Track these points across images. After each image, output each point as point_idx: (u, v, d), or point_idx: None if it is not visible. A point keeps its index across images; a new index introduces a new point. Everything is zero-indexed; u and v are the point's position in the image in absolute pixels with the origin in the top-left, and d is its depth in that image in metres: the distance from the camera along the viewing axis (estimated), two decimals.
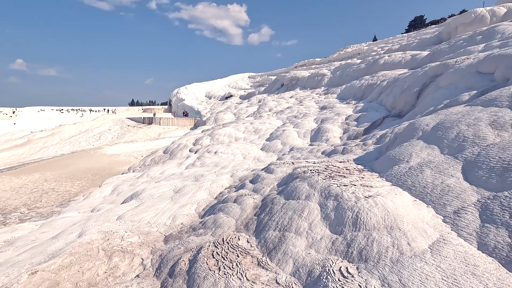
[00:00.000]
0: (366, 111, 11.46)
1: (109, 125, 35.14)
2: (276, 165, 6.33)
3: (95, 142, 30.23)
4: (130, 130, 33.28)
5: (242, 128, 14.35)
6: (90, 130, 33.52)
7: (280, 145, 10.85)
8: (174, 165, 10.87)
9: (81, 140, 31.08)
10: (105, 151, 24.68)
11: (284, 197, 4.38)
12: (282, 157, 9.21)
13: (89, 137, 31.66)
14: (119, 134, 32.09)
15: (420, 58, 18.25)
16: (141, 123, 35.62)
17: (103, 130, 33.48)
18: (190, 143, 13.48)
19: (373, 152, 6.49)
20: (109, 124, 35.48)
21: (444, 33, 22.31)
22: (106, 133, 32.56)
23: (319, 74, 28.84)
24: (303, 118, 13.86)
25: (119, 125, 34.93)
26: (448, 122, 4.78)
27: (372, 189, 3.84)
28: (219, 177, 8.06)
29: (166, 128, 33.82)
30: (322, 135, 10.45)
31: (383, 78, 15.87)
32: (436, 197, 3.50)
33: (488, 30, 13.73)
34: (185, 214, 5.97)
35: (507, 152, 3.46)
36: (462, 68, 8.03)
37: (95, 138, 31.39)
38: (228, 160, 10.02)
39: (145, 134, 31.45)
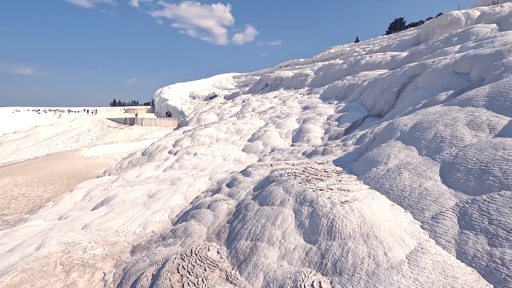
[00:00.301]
0: (347, 111, 11.40)
1: (89, 126, 33.81)
2: (254, 168, 6.06)
3: (73, 144, 28.98)
4: (110, 131, 32.15)
5: (224, 128, 14.00)
6: (68, 132, 32.13)
7: (262, 146, 10.59)
8: (152, 167, 10.39)
9: (58, 142, 29.72)
10: (83, 153, 23.68)
11: (258, 203, 4.10)
12: (263, 159, 8.96)
13: (66, 139, 30.34)
14: (99, 136, 30.92)
15: (399, 59, 18.50)
16: (123, 124, 34.50)
17: (82, 131, 32.18)
18: (170, 144, 13.00)
19: (353, 153, 6.33)
20: (89, 125, 34.15)
21: (422, 34, 22.80)
22: (85, 134, 31.30)
23: (303, 74, 28.86)
24: (285, 118, 13.68)
25: (99, 126, 33.68)
26: (426, 122, 4.66)
27: (349, 193, 3.62)
28: (196, 180, 7.70)
29: (149, 129, 32.90)
30: (303, 136, 10.28)
31: (364, 78, 15.94)
32: (414, 201, 3.32)
33: (464, 32, 14.02)
34: (157, 221, 5.59)
35: (485, 153, 3.33)
36: (439, 68, 8.04)
37: (73, 139, 30.10)
38: (208, 162, 9.66)
39: (126, 135, 30.45)
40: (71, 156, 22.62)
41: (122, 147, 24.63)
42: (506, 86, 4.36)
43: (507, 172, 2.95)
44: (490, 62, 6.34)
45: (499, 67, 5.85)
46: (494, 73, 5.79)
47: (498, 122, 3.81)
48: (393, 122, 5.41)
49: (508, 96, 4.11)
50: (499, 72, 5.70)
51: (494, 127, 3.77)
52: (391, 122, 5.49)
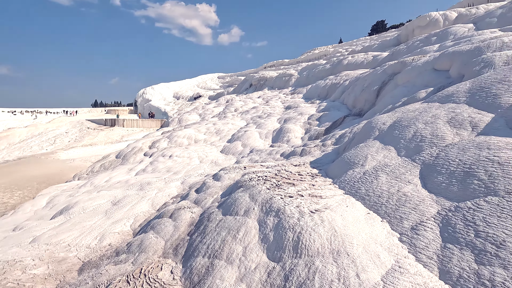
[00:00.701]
0: (328, 110, 11.09)
1: (67, 127, 32.29)
2: (226, 171, 5.55)
3: (49, 147, 27.52)
4: (90, 133, 30.81)
5: (204, 129, 13.42)
6: (44, 134, 30.54)
7: (241, 147, 10.10)
8: (124, 171, 9.69)
9: (33, 144, 28.16)
10: (59, 156, 22.46)
11: (222, 212, 3.61)
12: (241, 160, 8.47)
13: (42, 141, 28.81)
14: (77, 138, 29.56)
15: (380, 59, 18.46)
16: (103, 125, 33.17)
17: (59, 133, 30.67)
18: (146, 146, 12.30)
19: (331, 154, 5.94)
20: (67, 126, 32.62)
21: (403, 35, 22.96)
22: (62, 136, 29.84)
23: (287, 74, 28.58)
24: (266, 118, 13.24)
25: (78, 128, 32.23)
26: (405, 120, 4.31)
27: (321, 200, 3.18)
28: (167, 185, 7.12)
29: (130, 130, 31.75)
30: (283, 136, 9.86)
31: (346, 78, 15.74)
32: (392, 209, 2.92)
33: (442, 31, 14.03)
34: (117, 232, 4.99)
35: (468, 153, 2.97)
36: (419, 65, 7.81)
37: (50, 142, 28.61)
38: (183, 164, 9.07)
39: (107, 137, 29.23)
40: (45, 160, 21.40)
41: (101, 149, 23.53)
42: (488, 81, 4.06)
43: (493, 175, 2.59)
44: (469, 58, 6.10)
45: (479, 63, 5.60)
46: (473, 69, 5.54)
47: (480, 119, 3.48)
48: (371, 120, 5.05)
49: (490, 91, 3.80)
50: (478, 68, 5.45)
51: (476, 125, 3.43)
52: (369, 121, 5.12)
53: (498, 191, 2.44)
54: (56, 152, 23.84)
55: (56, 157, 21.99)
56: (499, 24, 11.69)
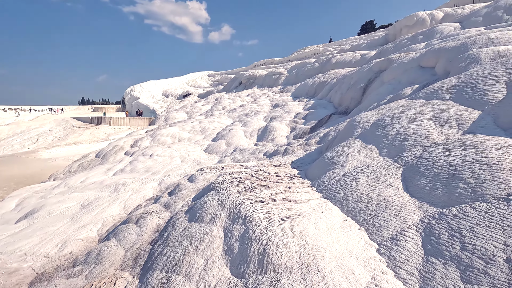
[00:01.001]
0: (315, 108, 10.82)
1: (51, 125, 31.19)
2: (202, 172, 5.18)
3: (31, 145, 26.49)
4: (75, 131, 29.85)
5: (189, 127, 12.97)
6: (27, 132, 29.41)
7: (225, 146, 9.72)
8: (102, 171, 9.19)
9: (14, 143, 27.06)
10: (40, 155, 21.61)
11: (188, 218, 3.25)
12: (223, 160, 8.10)
13: (24, 139, 27.72)
14: (61, 136, 28.58)
15: (368, 57, 18.35)
16: (89, 123, 32.20)
17: (43, 131, 29.59)
18: (128, 145, 11.78)
19: (314, 153, 5.64)
20: (51, 124, 31.51)
21: (391, 34, 22.95)
22: (45, 134, 28.79)
23: (276, 72, 28.29)
24: (253, 117, 12.89)
25: (62, 126, 31.18)
26: (389, 117, 4.03)
27: (294, 205, 2.86)
28: (143, 186, 6.70)
29: (117, 129, 30.90)
30: (268, 134, 9.54)
31: (333, 76, 15.53)
32: (370, 215, 2.61)
33: (429, 30, 13.96)
34: (81, 239, 4.56)
35: (453, 154, 2.69)
36: (405, 62, 7.59)
37: (32, 140, 27.56)
38: (163, 164, 8.64)
39: (92, 135, 28.36)
40: (26, 159, 20.54)
41: (86, 148, 22.74)
42: (474, 76, 3.81)
43: (480, 178, 2.31)
44: (456, 54, 5.89)
45: (465, 59, 5.38)
46: (459, 66, 5.32)
47: (467, 116, 3.21)
48: (354, 118, 4.76)
49: (477, 87, 3.55)
50: (464, 64, 5.23)
51: (462, 122, 3.17)
52: (352, 119, 4.84)
53: (486, 196, 2.16)
54: (38, 151, 22.93)
55: (37, 156, 21.14)
56: (484, 23, 11.65)
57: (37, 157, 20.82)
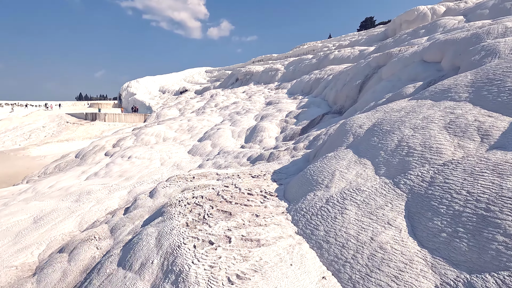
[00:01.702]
0: (308, 107, 9.91)
1: (44, 121, 30.29)
2: (166, 184, 4.32)
3: (23, 142, 25.63)
4: (68, 128, 28.96)
5: (176, 126, 12.08)
6: (20, 128, 28.53)
7: (210, 147, 8.85)
8: (76, 174, 8.33)
9: (5, 139, 26.19)
10: (29, 153, 20.76)
11: (119, 259, 2.39)
12: (204, 164, 7.23)
13: (16, 136, 26.85)
14: (54, 132, 27.70)
15: (367, 53, 17.37)
16: (83, 120, 31.30)
17: (36, 127, 28.70)
18: (110, 144, 10.91)
19: (300, 161, 4.78)
20: (44, 120, 30.61)
21: (390, 30, 21.90)
22: (38, 131, 27.90)
23: (273, 69, 27.31)
24: (244, 115, 12.00)
25: (56, 122, 30.28)
26: (387, 123, 3.15)
27: (254, 250, 2.00)
28: (110, 195, 5.85)
29: (112, 125, 30.00)
30: (257, 135, 8.66)
31: (330, 72, 14.59)
32: (360, 275, 1.75)
33: (431, 24, 12.98)
34: (15, 266, 3.72)
35: (481, 182, 1.82)
36: (406, 56, 6.68)
37: (24, 136, 26.69)
38: (141, 167, 7.78)
39: (86, 132, 27.48)
40: (14, 156, 19.71)
41: (78, 145, 21.88)
42: (498, 71, 2.92)
43: None
44: (466, 46, 4.98)
45: (478, 51, 4.48)
46: (472, 59, 4.42)
47: (493, 124, 2.34)
48: (346, 122, 3.87)
49: (504, 85, 2.67)
50: (478, 57, 4.33)
51: (487, 133, 2.29)
52: (343, 122, 3.95)
53: None
54: (27, 148, 22.08)
55: (26, 153, 20.30)
56: (491, 16, 10.67)
57: (26, 155, 19.98)
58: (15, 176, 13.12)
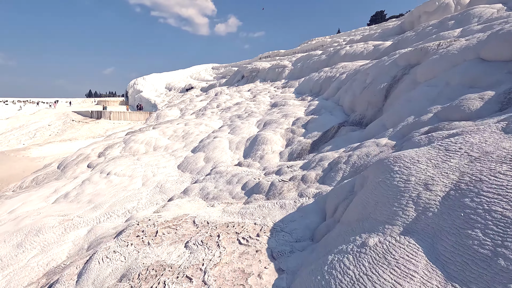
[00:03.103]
0: (319, 113, 8.17)
1: (50, 120, 29.40)
2: (107, 253, 2.77)
3: (27, 141, 24.74)
4: (73, 126, 27.97)
5: (171, 131, 10.56)
6: (26, 126, 27.70)
7: (202, 162, 7.28)
8: (46, 193, 6.92)
9: (11, 138, 25.38)
10: (30, 153, 19.66)
11: None
12: (191, 189, 5.64)
13: (22, 134, 26.01)
14: (59, 131, 26.73)
15: (383, 48, 15.38)
16: (89, 118, 30.27)
17: (42, 125, 27.82)
18: (96, 153, 9.49)
19: (311, 210, 3.15)
20: (51, 118, 29.72)
21: (407, 22, 19.66)
22: (44, 129, 26.99)
23: (280, 66, 25.44)
24: (246, 119, 10.36)
25: (62, 120, 29.34)
26: (496, 195, 1.49)
27: None
28: (64, 236, 4.38)
29: (117, 123, 28.85)
30: (258, 148, 7.04)
31: (342, 70, 12.73)
32: None
33: (461, 14, 10.93)
34: None
35: None
36: (453, 53, 4.89)
37: (29, 135, 25.81)
38: (117, 188, 6.30)
39: (90, 131, 26.40)
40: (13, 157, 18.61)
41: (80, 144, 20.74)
42: None
43: None
44: None
45: None
46: None
47: None
48: (391, 165, 2.21)
49: None
50: None
51: None
52: (386, 164, 2.28)
53: None
54: (29, 148, 21.07)
55: (27, 154, 19.23)
56: None
57: (25, 156, 18.89)
58: (8, 179, 11.95)
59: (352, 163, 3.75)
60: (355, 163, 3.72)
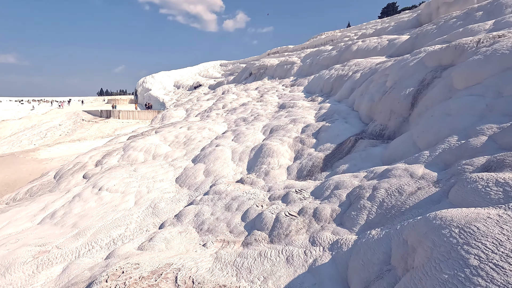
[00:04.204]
0: (331, 119, 7.20)
1: (61, 119, 29.35)
2: None
3: (38, 141, 24.71)
4: (83, 126, 27.80)
5: (172, 136, 9.82)
6: (37, 126, 27.72)
7: (202, 176, 6.50)
8: (35, 211, 6.32)
9: (23, 138, 25.42)
10: (38, 155, 19.47)
11: None
12: (186, 214, 4.87)
13: (33, 135, 26.01)
14: (69, 131, 26.60)
15: (399, 43, 14.09)
16: (98, 117, 30.07)
17: (53, 125, 27.78)
18: (94, 161, 8.87)
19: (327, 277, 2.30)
20: (62, 118, 29.68)
21: (424, 14, 18.13)
22: (54, 129, 26.93)
23: (289, 62, 24.32)
24: (251, 124, 9.50)
25: (73, 120, 29.25)
26: None
27: None
28: (34, 278, 3.69)
29: (125, 122, 28.54)
30: (262, 161, 6.19)
31: (356, 68, 11.61)
32: None
33: (491, 4, 9.62)
34: None
35: None
36: (504, 53, 3.84)
37: (41, 135, 25.79)
38: (107, 209, 5.60)
39: (99, 130, 26.15)
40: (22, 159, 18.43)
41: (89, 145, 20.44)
42: None
43: None
44: None
45: None
46: None
47: None
48: (460, 260, 1.35)
49: None
50: None
51: None
52: (445, 244, 1.41)
53: None
54: (38, 149, 20.91)
55: (35, 155, 19.03)
56: None
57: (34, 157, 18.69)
58: (13, 184, 11.63)
59: (380, 201, 2.86)
60: (383, 201, 2.83)
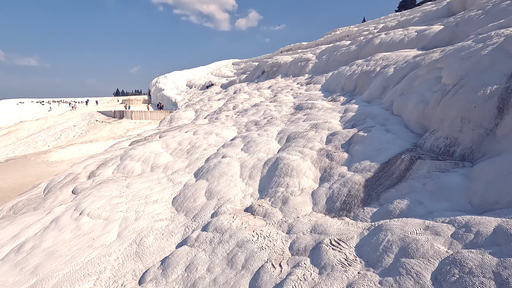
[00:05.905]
0: (365, 126, 5.55)
1: (76, 120, 29.01)
2: None
3: (52, 142, 24.32)
4: (97, 126, 27.27)
5: (175, 143, 8.51)
6: (53, 127, 27.46)
7: (203, 197, 5.12)
8: (7, 237, 5.17)
9: (38, 139, 25.13)
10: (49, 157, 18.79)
11: None
12: (171, 264, 3.51)
13: (49, 135, 25.69)
14: (83, 132, 26.11)
15: (431, 34, 12.11)
16: (112, 118, 29.54)
17: (67, 126, 27.43)
18: (87, 173, 7.70)
19: None
20: (76, 119, 29.34)
21: (456, 2, 15.87)
22: (69, 130, 26.54)
23: (303, 59, 22.56)
24: (264, 129, 8.01)
25: (87, 120, 28.83)
26: None
27: None
28: None
29: (138, 123, 27.79)
30: (279, 182, 4.72)
31: (384, 63, 9.84)
32: None
33: None
34: None
35: None
36: None
37: (55, 136, 25.42)
38: (82, 243, 4.34)
39: (111, 131, 25.49)
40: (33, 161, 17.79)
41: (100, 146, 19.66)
42: None
43: None
44: None
45: None
46: None
47: None
48: None
49: None
50: None
51: None
52: None
53: None
54: (50, 151, 20.34)
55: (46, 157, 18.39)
56: None
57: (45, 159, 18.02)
58: (20, 188, 10.81)
59: None
60: None
